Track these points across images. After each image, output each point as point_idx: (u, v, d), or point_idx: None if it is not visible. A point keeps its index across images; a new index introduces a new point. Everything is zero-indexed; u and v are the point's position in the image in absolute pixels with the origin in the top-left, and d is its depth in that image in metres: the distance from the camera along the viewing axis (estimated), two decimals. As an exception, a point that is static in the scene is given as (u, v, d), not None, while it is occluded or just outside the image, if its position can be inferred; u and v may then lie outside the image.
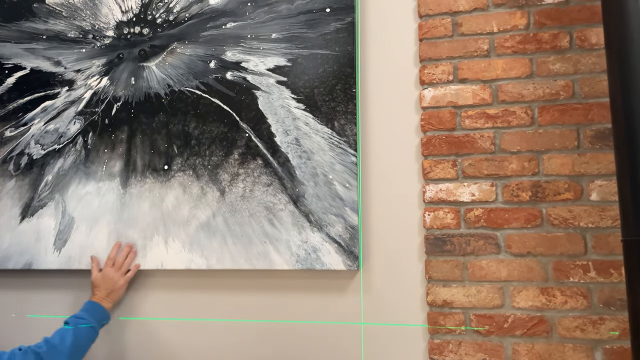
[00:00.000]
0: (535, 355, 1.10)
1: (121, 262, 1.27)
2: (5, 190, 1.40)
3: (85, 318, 1.21)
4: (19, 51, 1.46)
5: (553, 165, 1.15)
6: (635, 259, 0.94)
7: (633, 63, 0.98)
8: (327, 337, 1.22)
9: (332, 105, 1.26)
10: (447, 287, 1.16)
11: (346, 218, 1.21)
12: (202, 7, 1.36)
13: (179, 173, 1.31)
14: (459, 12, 1.25)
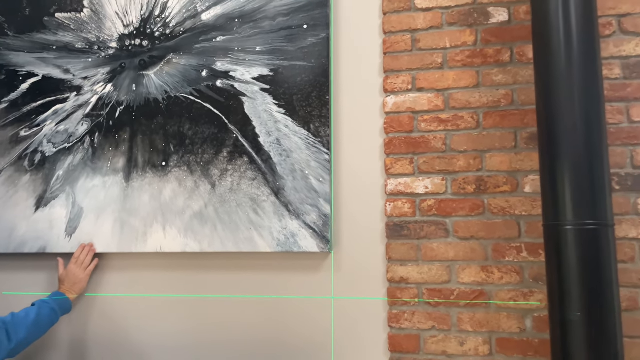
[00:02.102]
0: (476, 322, 1.31)
1: (82, 259, 1.48)
2: (21, 183, 1.59)
3: (49, 303, 1.40)
4: (32, 60, 1.64)
5: (494, 162, 1.36)
6: (551, 241, 1.15)
7: (555, 76, 1.18)
8: (303, 309, 1.42)
9: (308, 110, 1.45)
10: (403, 266, 1.37)
11: (320, 208, 1.41)
12: (195, 22, 1.55)
13: (175, 169, 1.50)
14: (418, 30, 1.44)
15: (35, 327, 1.35)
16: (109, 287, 1.54)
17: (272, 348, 1.42)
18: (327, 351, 1.39)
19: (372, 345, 1.37)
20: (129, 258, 1.53)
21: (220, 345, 1.45)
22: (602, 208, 1.11)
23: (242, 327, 1.44)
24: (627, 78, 1.31)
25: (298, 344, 1.41)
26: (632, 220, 1.27)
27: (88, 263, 1.49)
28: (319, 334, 1.40)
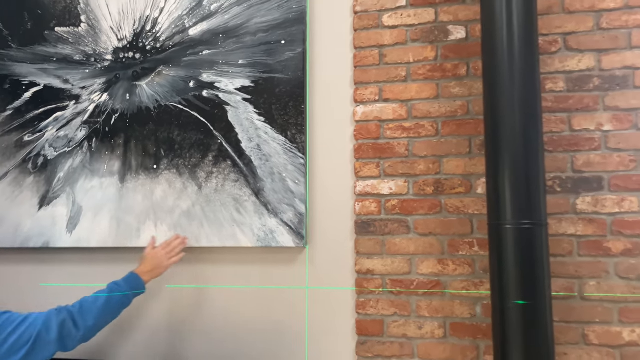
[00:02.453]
0: (433, 309, 1.48)
1: (172, 247, 1.52)
2: (25, 184, 1.75)
3: (121, 285, 1.42)
4: (34, 70, 1.79)
5: (450, 166, 1.51)
6: (493, 238, 1.31)
7: (499, 89, 1.32)
8: (281, 298, 1.58)
9: (286, 119, 1.60)
10: (370, 259, 1.53)
11: (296, 207, 1.56)
12: (183, 37, 1.69)
13: (165, 171, 1.66)
14: (385, 46, 1.59)
15: (104, 313, 1.36)
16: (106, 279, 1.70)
17: (253, 332, 1.58)
18: (302, 335, 1.56)
19: (342, 329, 1.54)
20: (124, 252, 1.68)
21: (203, 330, 1.61)
22: (536, 209, 1.27)
23: (225, 314, 1.60)
24: (570, 91, 1.47)
25: (276, 329, 1.57)
26: (571, 218, 1.43)
27: (176, 253, 1.52)
28: (295, 320, 1.57)
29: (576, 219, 1.43)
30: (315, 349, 1.54)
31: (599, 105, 1.44)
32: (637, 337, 1.36)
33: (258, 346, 1.57)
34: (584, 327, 1.39)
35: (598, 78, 1.45)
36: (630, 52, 1.44)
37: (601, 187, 1.42)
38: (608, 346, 1.37)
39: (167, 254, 1.51)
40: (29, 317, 1.26)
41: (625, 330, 1.37)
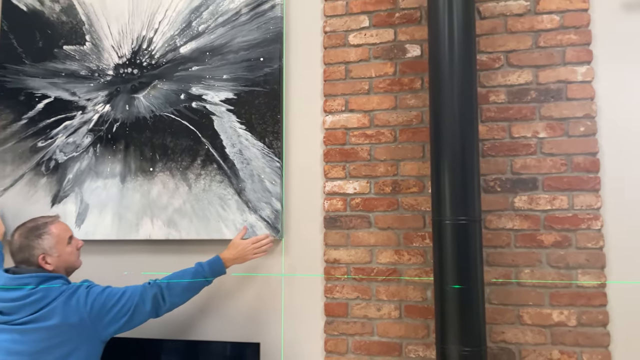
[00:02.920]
0: (390, 293, 1.69)
1: (260, 244, 1.67)
2: (39, 185, 1.99)
3: (205, 267, 1.59)
4: (45, 84, 2.03)
5: (406, 169, 1.72)
6: (436, 231, 1.52)
7: (441, 101, 1.52)
8: (260, 284, 1.81)
9: (264, 127, 1.82)
10: (336, 250, 1.75)
11: (273, 205, 1.79)
12: (175, 55, 1.92)
13: (160, 173, 1.89)
14: (350, 62, 1.80)
15: (187, 290, 1.56)
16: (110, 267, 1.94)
17: (236, 313, 1.81)
18: (278, 315, 1.79)
19: (312, 311, 1.76)
20: (125, 244, 1.92)
21: (190, 312, 1.85)
22: (471, 207, 1.48)
23: (212, 297, 1.83)
24: (510, 102, 1.67)
25: (256, 310, 1.80)
26: (509, 214, 1.63)
27: (261, 251, 1.67)
28: (273, 303, 1.79)
29: (514, 215, 1.63)
30: (290, 327, 1.77)
31: (535, 115, 1.64)
32: (564, 318, 1.57)
33: (241, 324, 1.80)
34: (519, 309, 1.60)
35: (535, 91, 1.65)
36: (564, 68, 1.63)
37: (536, 187, 1.62)
38: (540, 326, 1.58)
39: (253, 248, 1.66)
40: (126, 290, 1.49)
41: (554, 312, 1.57)
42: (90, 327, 1.41)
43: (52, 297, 1.41)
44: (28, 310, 1.39)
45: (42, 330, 1.37)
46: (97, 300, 1.44)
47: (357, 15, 1.81)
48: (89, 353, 1.42)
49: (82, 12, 2.02)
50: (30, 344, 1.36)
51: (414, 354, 1.66)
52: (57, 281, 1.46)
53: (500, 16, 1.69)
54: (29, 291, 1.41)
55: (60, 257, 1.53)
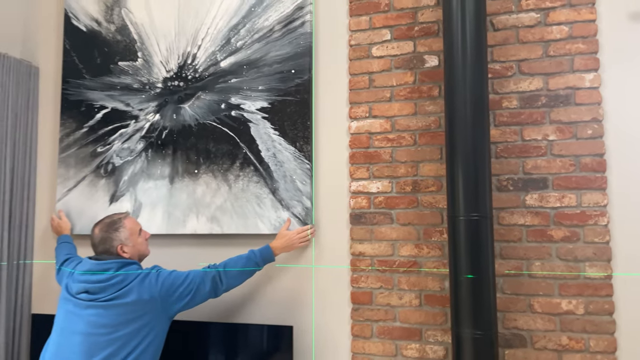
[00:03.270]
0: (411, 283, 1.86)
1: (303, 235, 1.90)
2: (99, 185, 2.26)
3: (257, 254, 1.82)
4: (103, 96, 2.29)
5: (425, 170, 1.88)
6: (451, 227, 1.67)
7: (456, 107, 1.67)
8: (293, 274, 2.01)
9: (295, 133, 2.02)
10: (361, 243, 1.93)
11: (304, 203, 1.98)
12: (216, 68, 2.14)
13: (203, 175, 2.11)
14: (373, 72, 1.97)
15: (241, 274, 1.78)
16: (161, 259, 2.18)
17: (272, 301, 2.02)
18: (309, 302, 1.98)
19: (340, 298, 1.94)
20: (173, 238, 2.16)
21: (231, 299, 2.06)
22: (483, 205, 1.62)
23: (250, 285, 2.04)
24: (522, 108, 1.80)
25: (290, 297, 2.00)
26: (521, 211, 1.77)
27: (305, 240, 1.91)
28: (304, 291, 1.99)
29: (525, 212, 1.76)
30: (320, 313, 1.96)
31: (545, 119, 1.77)
32: (572, 307, 1.69)
33: (276, 310, 2.01)
34: (530, 299, 1.73)
35: (545, 97, 1.77)
36: (572, 75, 1.75)
37: (546, 186, 1.75)
38: (550, 314, 1.71)
39: (299, 238, 1.90)
40: (190, 273, 1.73)
41: (563, 302, 1.70)
42: (160, 304, 1.66)
43: (129, 279, 1.66)
44: (110, 290, 1.64)
45: (122, 306, 1.62)
46: (165, 281, 1.68)
47: (380, 29, 1.97)
48: (158, 326, 1.67)
49: (135, 31, 2.27)
50: (112, 318, 1.61)
51: (432, 339, 1.82)
52: (132, 267, 1.72)
53: (513, 28, 1.83)
54: (110, 275, 1.66)
55: (134, 247, 1.80)
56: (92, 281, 1.66)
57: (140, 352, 1.61)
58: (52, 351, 1.64)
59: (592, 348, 1.66)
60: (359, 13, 2.00)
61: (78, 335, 1.60)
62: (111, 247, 1.76)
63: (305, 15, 2.04)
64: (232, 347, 1.91)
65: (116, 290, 1.64)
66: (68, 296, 1.69)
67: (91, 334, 1.59)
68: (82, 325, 1.61)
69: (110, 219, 1.82)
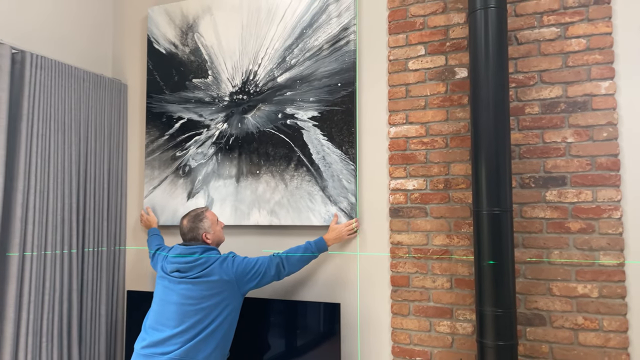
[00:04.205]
0: (443, 269, 2.13)
1: (351, 227, 2.22)
2: (178, 184, 2.68)
3: (312, 245, 2.13)
4: (180, 109, 2.71)
5: (456, 169, 2.13)
6: (475, 220, 1.92)
7: (479, 114, 1.91)
8: (341, 261, 2.33)
9: (341, 138, 2.33)
10: (399, 234, 2.21)
11: (349, 199, 2.29)
12: (274, 83, 2.49)
13: (264, 175, 2.48)
14: (409, 84, 2.24)
15: (300, 261, 2.10)
16: (230, 246, 2.57)
17: (322, 283, 2.35)
18: (355, 284, 2.29)
19: (381, 281, 2.24)
20: (240, 228, 2.55)
21: (287, 280, 2.41)
22: (503, 200, 1.86)
23: (304, 269, 2.38)
24: (543, 113, 2.01)
25: (338, 280, 2.33)
26: (541, 206, 1.99)
27: (353, 231, 2.23)
28: (350, 275, 2.31)
29: (545, 206, 1.98)
30: (364, 294, 2.27)
31: (564, 124, 1.97)
32: (588, 291, 1.90)
33: (325, 292, 2.34)
34: (549, 283, 1.95)
35: (564, 103, 1.98)
36: (589, 83, 1.94)
37: (564, 184, 1.96)
38: (567, 297, 1.93)
39: (347, 231, 2.22)
40: (259, 260, 2.07)
41: (579, 286, 1.91)
42: (235, 283, 2.03)
43: (210, 261, 2.05)
44: (197, 270, 2.03)
45: (206, 283, 2.01)
46: (240, 265, 2.05)
47: (415, 45, 2.24)
48: (234, 301, 2.06)
49: (205, 52, 2.67)
50: (198, 292, 2.01)
51: (462, 317, 2.08)
52: (213, 252, 2.11)
53: (535, 41, 2.04)
54: (197, 257, 2.06)
55: (215, 234, 2.18)
56: (182, 262, 2.06)
57: (221, 321, 2.00)
58: (153, 317, 2.06)
59: (606, 327, 1.86)
60: (397, 31, 2.28)
61: (173, 305, 2.01)
62: (197, 234, 2.14)
63: (349, 35, 2.34)
64: (291, 320, 2.26)
65: (201, 270, 2.03)
66: (164, 274, 2.11)
67: (182, 304, 2.00)
68: (176, 297, 2.02)
69: (195, 212, 2.20)
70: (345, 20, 2.35)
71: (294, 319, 2.25)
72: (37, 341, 2.27)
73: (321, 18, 2.40)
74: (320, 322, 2.21)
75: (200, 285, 2.01)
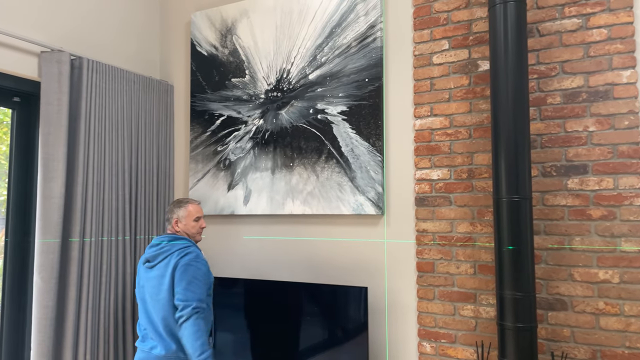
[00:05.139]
0: (466, 255, 2.21)
1: None
2: (219, 177, 2.89)
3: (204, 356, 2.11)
4: (220, 107, 2.91)
5: (479, 159, 2.21)
6: (496, 207, 2.00)
7: (500, 105, 1.99)
8: (369, 248, 2.45)
9: (369, 131, 2.45)
10: (424, 222, 2.31)
11: (376, 189, 2.41)
12: (306, 81, 2.64)
13: (297, 167, 2.63)
14: (434, 77, 2.33)
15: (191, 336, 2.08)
16: (266, 233, 2.75)
17: (352, 268, 2.48)
18: (382, 270, 2.41)
19: (407, 267, 2.35)
20: (275, 217, 2.72)
21: (318, 265, 2.56)
22: (522, 188, 1.93)
23: (333, 255, 2.53)
24: (565, 103, 2.05)
25: (365, 268, 2.45)
26: (563, 194, 2.03)
27: None
28: (378, 262, 2.43)
29: (567, 194, 2.03)
30: (391, 279, 2.39)
31: (586, 113, 2.01)
32: (609, 277, 1.93)
33: (353, 276, 2.47)
34: (571, 269, 2.00)
35: (586, 93, 2.01)
36: (610, 73, 1.97)
37: (586, 172, 2.00)
38: (588, 282, 1.97)
39: None
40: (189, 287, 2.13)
41: (600, 272, 1.95)
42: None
43: (172, 249, 2.22)
44: (160, 257, 2.24)
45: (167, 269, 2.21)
46: (177, 274, 2.17)
47: (439, 40, 2.32)
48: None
49: (243, 54, 2.86)
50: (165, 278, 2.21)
51: (485, 302, 2.16)
52: (182, 241, 2.25)
53: (556, 33, 2.08)
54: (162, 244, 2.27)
55: (186, 226, 2.31)
56: (150, 251, 2.29)
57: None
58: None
59: (627, 312, 1.89)
60: (421, 27, 2.37)
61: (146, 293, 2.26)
62: (170, 218, 2.31)
63: (376, 33, 2.45)
64: (322, 302, 2.41)
65: (163, 258, 2.22)
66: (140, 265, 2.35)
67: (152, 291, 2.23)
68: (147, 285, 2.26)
69: (181, 199, 2.36)
70: (372, 19, 2.46)
71: (324, 301, 2.39)
72: (96, 317, 2.54)
73: (349, 17, 2.53)
74: (347, 305, 2.35)
75: (157, 270, 2.22)
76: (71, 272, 2.44)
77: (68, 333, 2.40)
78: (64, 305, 2.42)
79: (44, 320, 2.33)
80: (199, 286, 2.14)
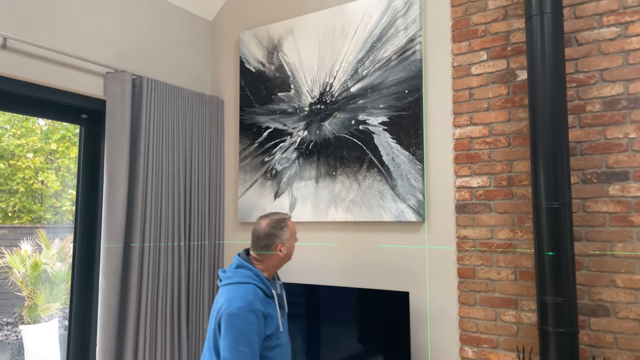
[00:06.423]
0: (507, 261, 2.25)
1: None
2: (266, 186, 3.04)
3: None
4: (267, 119, 3.08)
5: (518, 167, 2.25)
6: (535, 214, 2.03)
7: (538, 114, 2.03)
8: (410, 254, 2.53)
9: (409, 140, 2.54)
10: (465, 229, 2.37)
11: (417, 196, 2.49)
12: (347, 93, 2.76)
13: (339, 176, 2.75)
14: (473, 87, 2.39)
15: None
16: (311, 239, 2.87)
17: (394, 273, 2.56)
18: (423, 277, 2.48)
19: (448, 273, 2.41)
20: (319, 224, 2.84)
21: (363, 268, 2.65)
22: (562, 194, 1.96)
23: (375, 261, 2.62)
24: (604, 111, 2.07)
25: (408, 272, 2.53)
26: (604, 200, 2.05)
27: None
28: (419, 268, 2.50)
29: (608, 201, 2.04)
30: (432, 284, 2.45)
31: (626, 120, 2.02)
32: (654, 284, 1.93)
33: (395, 282, 2.55)
34: (613, 275, 2.00)
35: (625, 100, 2.02)
36: (652, 79, 1.98)
37: (627, 178, 2.00)
38: (630, 288, 1.97)
39: None
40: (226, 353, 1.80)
41: (645, 279, 1.95)
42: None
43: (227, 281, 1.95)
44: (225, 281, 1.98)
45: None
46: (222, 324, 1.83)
47: (477, 51, 2.39)
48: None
49: (288, 69, 3.01)
50: None
51: (526, 307, 2.19)
52: (244, 270, 1.92)
53: (595, 42, 2.10)
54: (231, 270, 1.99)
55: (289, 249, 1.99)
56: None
57: None
58: None
59: (672, 319, 1.88)
60: (460, 40, 2.44)
61: None
62: (272, 243, 1.93)
63: (415, 46, 2.54)
64: (363, 306, 2.50)
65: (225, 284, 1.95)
66: None
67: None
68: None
69: (277, 217, 1.99)
70: (412, 32, 2.56)
71: (366, 305, 2.48)
72: (154, 317, 2.73)
73: (389, 31, 2.63)
74: (389, 309, 2.43)
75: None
76: (132, 275, 2.64)
77: (129, 332, 2.60)
78: (125, 306, 2.63)
79: (108, 319, 2.54)
80: (248, 344, 1.77)
